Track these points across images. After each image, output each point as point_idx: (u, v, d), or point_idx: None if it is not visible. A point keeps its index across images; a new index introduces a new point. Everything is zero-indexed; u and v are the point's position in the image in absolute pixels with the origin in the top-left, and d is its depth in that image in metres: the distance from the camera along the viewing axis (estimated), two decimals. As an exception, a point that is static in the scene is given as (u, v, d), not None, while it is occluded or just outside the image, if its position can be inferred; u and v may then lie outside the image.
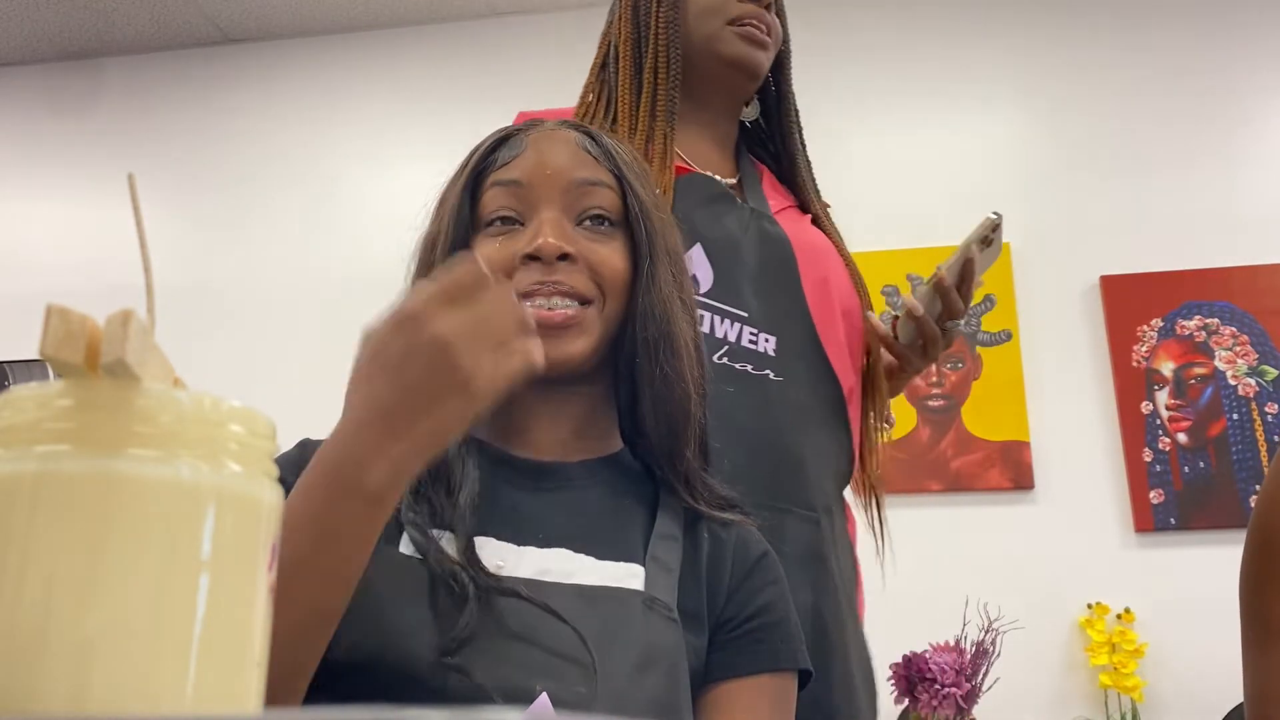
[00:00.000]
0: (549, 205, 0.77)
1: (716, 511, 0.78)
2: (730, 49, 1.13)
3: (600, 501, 0.77)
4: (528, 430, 0.78)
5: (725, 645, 0.73)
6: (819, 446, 1.04)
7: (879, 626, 2.43)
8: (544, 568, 0.69)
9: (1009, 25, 3.02)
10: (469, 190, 0.80)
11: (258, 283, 3.12)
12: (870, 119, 2.98)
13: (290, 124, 3.30)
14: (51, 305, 0.31)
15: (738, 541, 0.78)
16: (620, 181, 0.80)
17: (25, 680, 0.28)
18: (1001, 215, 1.14)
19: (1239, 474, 2.56)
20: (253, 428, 0.34)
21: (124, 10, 3.26)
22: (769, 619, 0.75)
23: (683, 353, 0.78)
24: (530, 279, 0.75)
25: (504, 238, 0.77)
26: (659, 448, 0.78)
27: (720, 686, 0.72)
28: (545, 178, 0.78)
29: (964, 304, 1.12)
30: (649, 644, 0.68)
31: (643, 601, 0.70)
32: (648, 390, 0.76)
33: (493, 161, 0.80)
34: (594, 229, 0.78)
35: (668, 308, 0.78)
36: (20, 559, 0.29)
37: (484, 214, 0.79)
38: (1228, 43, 2.91)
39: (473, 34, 3.22)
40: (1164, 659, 2.42)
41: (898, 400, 2.72)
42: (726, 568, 0.76)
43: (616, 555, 0.72)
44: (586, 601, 0.68)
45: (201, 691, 0.30)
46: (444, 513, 0.71)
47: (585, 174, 0.79)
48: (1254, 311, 2.66)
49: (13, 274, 3.27)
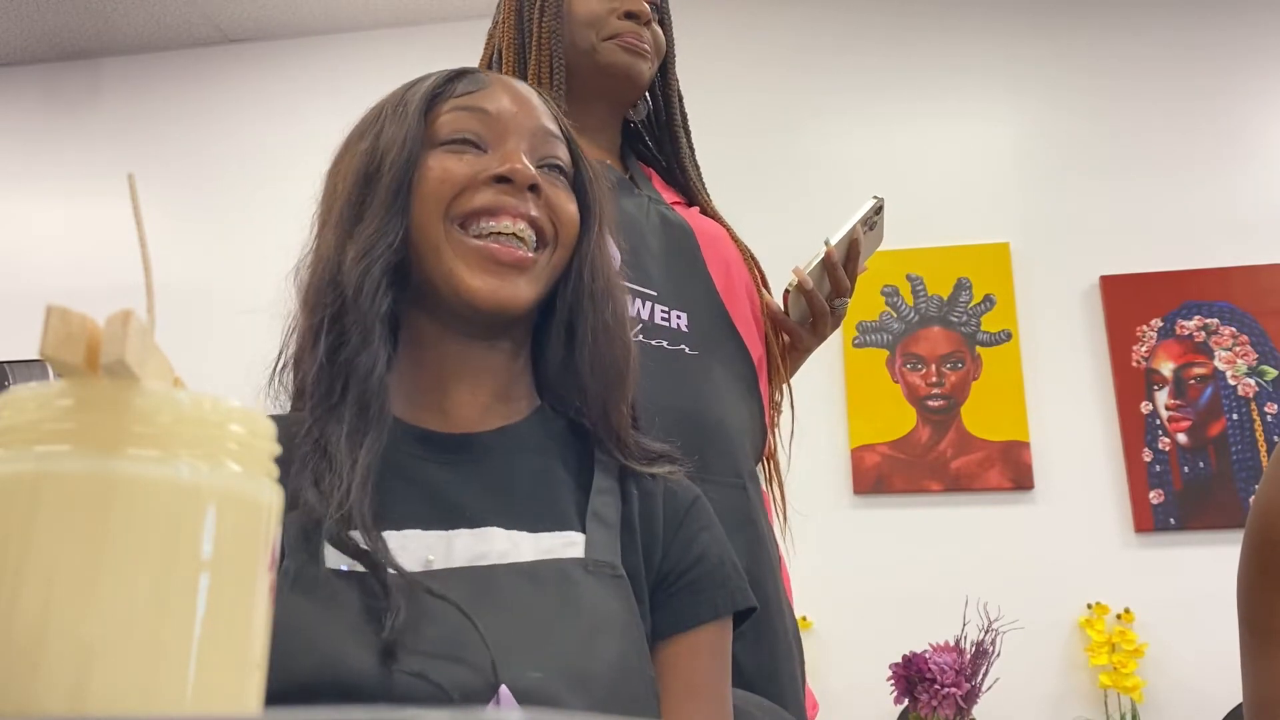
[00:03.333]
0: (516, 139, 0.75)
1: (646, 466, 0.77)
2: (610, 58, 1.16)
3: (527, 469, 0.74)
4: (444, 393, 0.74)
5: (666, 602, 0.72)
6: (738, 417, 1.07)
7: (879, 626, 2.45)
8: (479, 552, 0.67)
9: (1009, 25, 3.02)
10: (421, 111, 0.75)
11: (257, 282, 3.12)
12: (870, 119, 2.99)
13: (290, 124, 3.30)
14: (51, 305, 0.31)
15: (666, 492, 0.76)
16: (570, 144, 0.80)
17: (25, 681, 0.28)
18: (883, 199, 1.20)
19: (1239, 474, 2.56)
20: (253, 428, 0.34)
21: (124, 10, 3.26)
22: (705, 568, 0.74)
23: (621, 309, 0.78)
24: (496, 198, 0.72)
25: (463, 156, 0.74)
26: (594, 400, 0.76)
27: (667, 645, 0.71)
28: (514, 114, 0.76)
29: (849, 283, 1.18)
30: (596, 610, 0.67)
31: (584, 568, 0.68)
32: (588, 340, 0.75)
33: (451, 89, 0.77)
34: (550, 176, 0.76)
35: (610, 262, 0.79)
36: (20, 559, 0.29)
37: (439, 133, 0.75)
38: (1228, 43, 2.91)
39: (472, 34, 3.22)
40: (1164, 659, 2.42)
41: (898, 400, 2.74)
42: (659, 520, 0.74)
43: (550, 525, 0.70)
44: (527, 578, 0.66)
45: (201, 692, 0.30)
46: (343, 476, 0.65)
47: (548, 124, 0.78)
48: (1254, 311, 2.66)
49: (13, 274, 3.27)
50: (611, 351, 0.76)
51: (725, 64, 3.04)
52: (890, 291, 2.80)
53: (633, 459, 0.76)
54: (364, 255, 0.70)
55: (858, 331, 2.79)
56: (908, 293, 2.80)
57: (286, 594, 0.63)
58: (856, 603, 2.51)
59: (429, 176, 0.72)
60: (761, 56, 3.11)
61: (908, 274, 2.81)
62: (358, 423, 0.68)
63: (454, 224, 0.72)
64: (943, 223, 2.84)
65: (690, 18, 1.38)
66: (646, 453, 0.78)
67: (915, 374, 2.74)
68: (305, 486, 0.66)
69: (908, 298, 2.80)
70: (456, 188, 0.72)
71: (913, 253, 2.80)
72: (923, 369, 2.74)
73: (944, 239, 2.83)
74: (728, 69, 3.03)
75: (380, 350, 0.69)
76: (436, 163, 0.73)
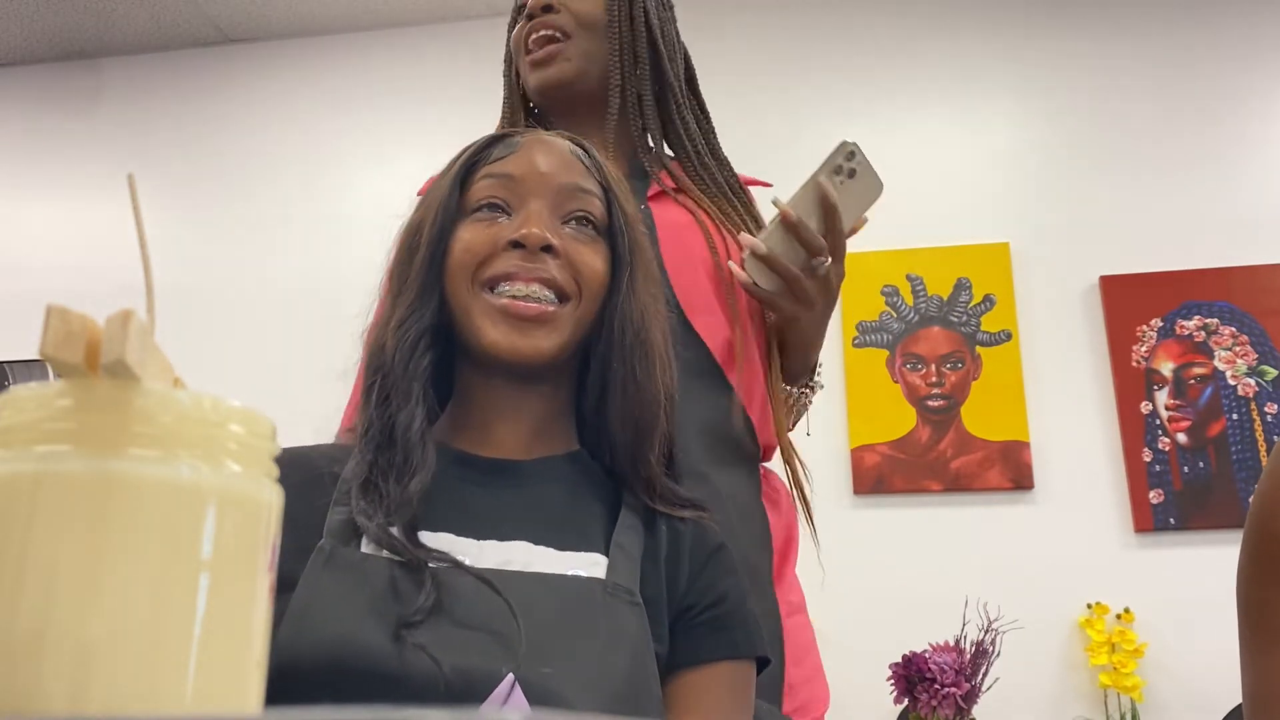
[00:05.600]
0: (538, 200, 0.79)
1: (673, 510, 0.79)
2: (529, 80, 1.17)
3: (560, 497, 0.77)
4: (488, 429, 0.79)
5: (687, 633, 0.74)
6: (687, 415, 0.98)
7: (879, 626, 2.44)
8: (505, 559, 0.70)
9: (1009, 25, 3.02)
10: (459, 181, 0.81)
11: (257, 282, 3.12)
12: (870, 119, 2.99)
13: (290, 124, 3.30)
14: (51, 305, 0.31)
15: (694, 533, 0.79)
16: (607, 193, 0.82)
17: (25, 681, 0.28)
18: (854, 143, 1.08)
19: (1239, 474, 2.56)
20: (253, 428, 0.34)
21: (124, 10, 3.26)
22: (728, 608, 0.76)
23: (655, 360, 0.79)
24: (512, 262, 0.76)
25: (489, 223, 0.79)
26: (623, 451, 0.79)
27: (684, 675, 0.73)
28: (538, 175, 0.80)
29: (834, 239, 1.05)
30: (613, 628, 0.68)
31: (604, 588, 0.70)
32: (619, 393, 0.78)
33: (486, 156, 0.82)
34: (578, 230, 0.80)
35: (644, 315, 0.80)
36: (20, 559, 0.29)
37: (471, 202, 0.80)
38: (1228, 43, 2.92)
39: (472, 34, 3.22)
40: (1163, 659, 2.42)
41: (898, 400, 2.74)
42: (685, 558, 0.77)
43: (577, 547, 0.73)
44: (547, 588, 0.69)
45: (201, 692, 0.30)
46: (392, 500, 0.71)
47: (576, 179, 0.81)
48: (1254, 311, 2.66)
49: (13, 274, 3.27)
50: (641, 405, 0.78)
51: (725, 64, 3.04)
52: (890, 291, 2.80)
53: (661, 503, 0.79)
54: (401, 324, 0.78)
55: (858, 331, 2.79)
56: (908, 293, 2.80)
57: (320, 571, 0.67)
58: (856, 602, 2.50)
59: (456, 249, 0.79)
60: (762, 57, 3.11)
61: (908, 274, 2.81)
62: (404, 466, 0.73)
63: (482, 289, 0.78)
64: (943, 223, 2.84)
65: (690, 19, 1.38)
66: (676, 500, 0.80)
67: (915, 374, 2.74)
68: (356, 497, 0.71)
69: (908, 298, 2.80)
70: (479, 258, 0.78)
71: (913, 253, 2.80)
72: (923, 369, 2.74)
73: (944, 239, 2.83)
74: (727, 69, 3.03)
75: (418, 408, 0.75)
76: (464, 234, 0.79)
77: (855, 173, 1.08)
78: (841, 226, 1.06)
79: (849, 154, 1.08)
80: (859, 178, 1.08)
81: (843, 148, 1.08)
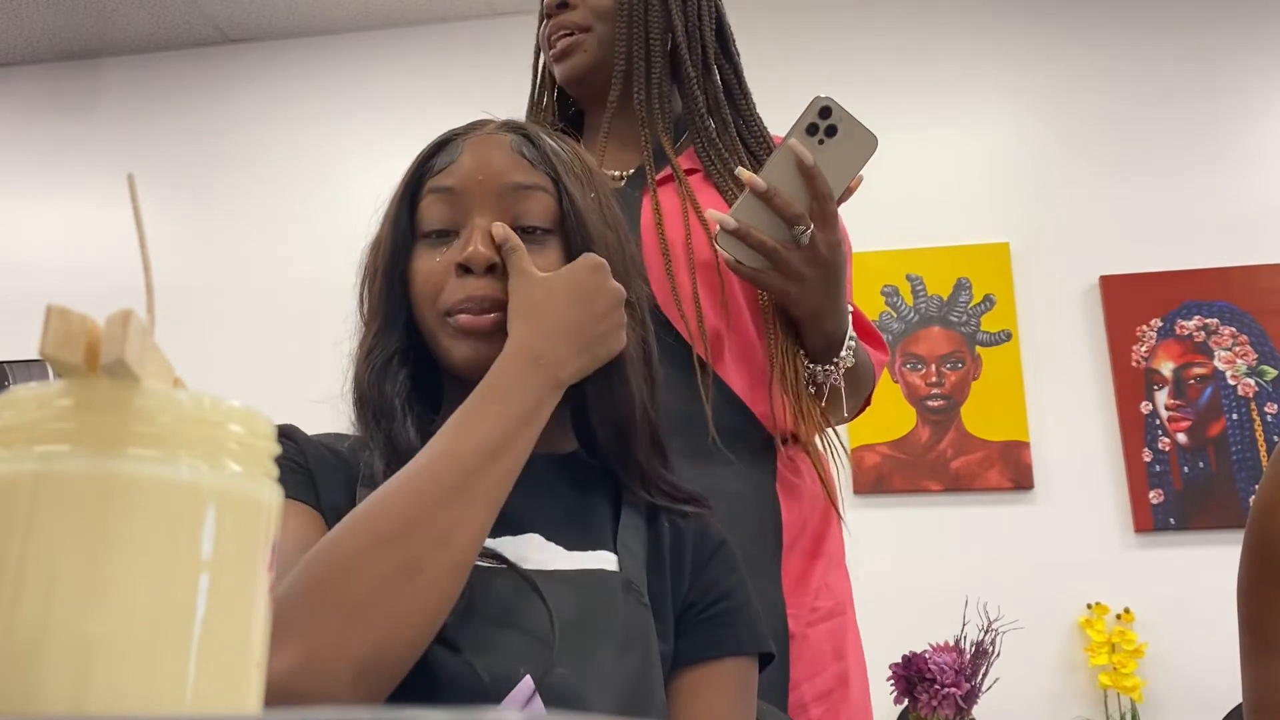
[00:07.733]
0: (481, 212, 0.77)
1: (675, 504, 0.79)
2: (556, 72, 1.20)
3: (565, 495, 0.77)
4: None
5: (691, 630, 0.74)
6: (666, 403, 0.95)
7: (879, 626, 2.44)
8: (521, 555, 0.70)
9: (1009, 25, 3.03)
10: (408, 198, 0.80)
11: (257, 282, 3.12)
12: (870, 119, 2.98)
13: (290, 124, 3.30)
14: (51, 305, 0.31)
15: (697, 530, 0.79)
16: (556, 185, 0.79)
17: (25, 681, 0.28)
18: (830, 97, 0.99)
19: (1239, 474, 2.56)
20: (253, 428, 0.34)
21: (124, 10, 3.26)
22: (731, 604, 0.76)
23: (626, 358, 0.77)
24: (461, 293, 0.75)
25: (438, 250, 0.77)
26: (610, 451, 0.79)
27: (687, 672, 0.73)
28: (478, 184, 0.77)
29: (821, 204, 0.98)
30: (628, 626, 0.69)
31: (621, 584, 0.70)
32: (592, 398, 0.77)
33: (430, 168, 0.80)
34: (528, 239, 0.76)
35: None
36: (20, 559, 0.29)
37: (422, 223, 0.79)
38: (1228, 44, 2.92)
39: (473, 34, 3.22)
40: (1163, 659, 2.42)
41: (897, 400, 2.74)
42: (687, 555, 0.77)
43: (585, 545, 0.73)
44: (569, 586, 0.69)
45: (201, 692, 0.30)
46: None
47: (519, 178, 0.77)
48: (1253, 311, 2.66)
49: (13, 274, 3.27)
50: (614, 406, 0.77)
51: (725, 64, 3.04)
52: (890, 291, 2.81)
53: (660, 498, 0.79)
54: (369, 353, 0.78)
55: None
56: (907, 293, 2.80)
57: None
58: (856, 602, 2.50)
59: (415, 279, 0.78)
60: (762, 57, 3.11)
61: (908, 274, 2.81)
62: None
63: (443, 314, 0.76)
64: (943, 223, 2.84)
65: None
66: (675, 493, 0.80)
67: (915, 374, 2.75)
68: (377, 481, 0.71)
69: (907, 298, 2.80)
70: (437, 287, 0.77)
71: (913, 253, 2.80)
72: (922, 369, 2.75)
73: (944, 239, 2.83)
74: (728, 69, 3.03)
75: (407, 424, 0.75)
76: (419, 263, 0.78)
77: (836, 130, 1.00)
78: (827, 190, 0.98)
79: (822, 110, 0.99)
80: (843, 135, 1.00)
81: (814, 103, 0.99)
